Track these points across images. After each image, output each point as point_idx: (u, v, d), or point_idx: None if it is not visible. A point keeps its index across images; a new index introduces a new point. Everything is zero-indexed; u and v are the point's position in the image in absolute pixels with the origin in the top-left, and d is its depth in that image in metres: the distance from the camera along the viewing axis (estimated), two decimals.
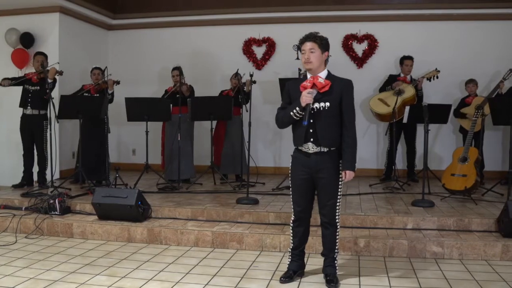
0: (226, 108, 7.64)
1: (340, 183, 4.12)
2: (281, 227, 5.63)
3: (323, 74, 4.06)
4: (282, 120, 4.19)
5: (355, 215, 5.82)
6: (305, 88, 4.01)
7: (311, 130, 4.03)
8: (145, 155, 7.62)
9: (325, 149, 4.04)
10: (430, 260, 5.01)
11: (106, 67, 7.92)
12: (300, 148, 4.15)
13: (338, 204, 4.15)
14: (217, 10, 9.91)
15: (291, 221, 4.34)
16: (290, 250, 4.42)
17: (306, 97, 3.95)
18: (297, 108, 3.99)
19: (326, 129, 4.01)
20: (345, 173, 4.03)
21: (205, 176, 8.24)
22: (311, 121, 4.00)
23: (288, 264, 4.42)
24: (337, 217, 4.19)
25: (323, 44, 4.03)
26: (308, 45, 4.02)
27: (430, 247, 5.11)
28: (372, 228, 5.68)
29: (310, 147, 4.06)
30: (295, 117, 4.03)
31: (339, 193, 4.14)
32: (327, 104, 4.00)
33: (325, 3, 9.50)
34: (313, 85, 3.99)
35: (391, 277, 4.51)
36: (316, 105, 4.01)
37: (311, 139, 4.04)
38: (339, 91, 4.01)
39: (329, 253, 4.28)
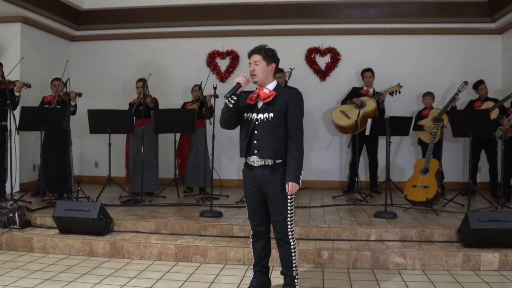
0: (189, 120, 7.59)
1: (289, 197, 4.00)
2: (245, 240, 5.60)
3: (271, 85, 4.04)
4: (221, 115, 4.14)
5: (318, 227, 5.84)
6: (251, 99, 4.02)
7: (255, 142, 3.99)
8: (108, 167, 7.53)
9: (270, 162, 3.97)
10: (393, 271, 5.06)
11: (68, 78, 7.82)
12: (247, 161, 4.12)
13: (289, 219, 4.03)
14: (182, 23, 9.89)
15: (250, 237, 4.30)
16: (252, 266, 4.36)
17: (239, 77, 4.01)
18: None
19: (269, 141, 3.95)
20: (288, 184, 3.92)
21: (169, 189, 8.19)
22: (234, 98, 3.98)
23: (251, 280, 4.35)
24: (290, 233, 4.05)
25: (268, 56, 4.00)
26: (253, 57, 4.02)
27: (393, 258, 5.17)
28: (336, 240, 5.70)
29: (255, 160, 4.01)
30: (227, 101, 3.99)
31: (289, 208, 4.02)
32: (271, 114, 3.95)
33: (289, 17, 9.59)
34: (257, 96, 4.00)
35: None
36: (260, 115, 3.99)
37: (255, 151, 4.00)
38: (285, 102, 3.96)
39: (287, 272, 4.15)
